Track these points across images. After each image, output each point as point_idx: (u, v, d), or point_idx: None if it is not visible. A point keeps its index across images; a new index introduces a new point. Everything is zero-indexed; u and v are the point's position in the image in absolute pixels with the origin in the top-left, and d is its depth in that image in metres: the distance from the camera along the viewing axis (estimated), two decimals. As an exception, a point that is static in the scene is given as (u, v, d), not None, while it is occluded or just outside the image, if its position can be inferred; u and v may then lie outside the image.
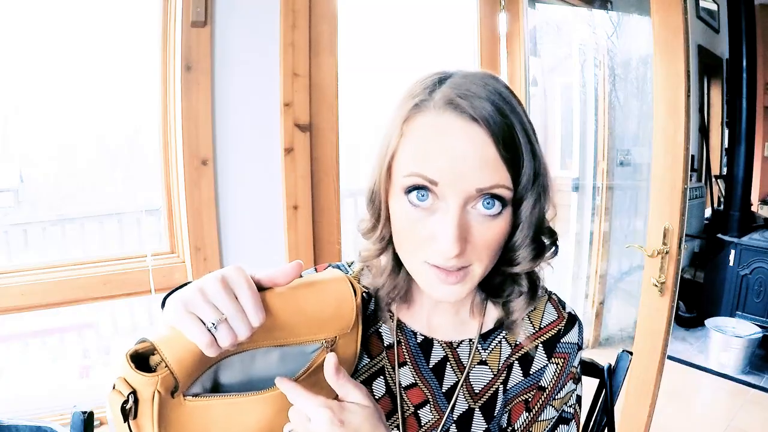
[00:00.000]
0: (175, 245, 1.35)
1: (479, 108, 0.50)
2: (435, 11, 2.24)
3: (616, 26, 2.68)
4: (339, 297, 0.55)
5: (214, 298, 0.45)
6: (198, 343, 0.44)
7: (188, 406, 0.48)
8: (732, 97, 3.10)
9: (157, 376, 0.44)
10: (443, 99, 0.51)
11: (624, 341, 2.95)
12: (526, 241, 0.55)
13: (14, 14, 1.50)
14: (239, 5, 1.25)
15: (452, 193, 0.50)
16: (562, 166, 2.92)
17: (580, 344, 0.66)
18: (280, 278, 0.50)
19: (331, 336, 0.55)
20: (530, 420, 0.64)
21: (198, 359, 0.47)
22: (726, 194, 3.33)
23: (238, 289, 0.46)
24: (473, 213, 0.52)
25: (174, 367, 0.45)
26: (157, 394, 0.44)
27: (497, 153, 0.50)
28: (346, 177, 1.48)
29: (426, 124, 0.52)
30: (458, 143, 0.50)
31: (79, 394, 1.35)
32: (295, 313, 0.52)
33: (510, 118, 0.50)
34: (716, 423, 2.33)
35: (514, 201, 0.53)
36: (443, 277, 0.53)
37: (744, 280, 2.99)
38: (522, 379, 0.64)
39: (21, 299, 1.16)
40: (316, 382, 0.56)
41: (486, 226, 0.52)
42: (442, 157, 0.50)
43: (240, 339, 0.46)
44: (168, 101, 1.28)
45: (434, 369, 0.65)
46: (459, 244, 0.50)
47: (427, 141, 0.51)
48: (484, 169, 0.50)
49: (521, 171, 0.51)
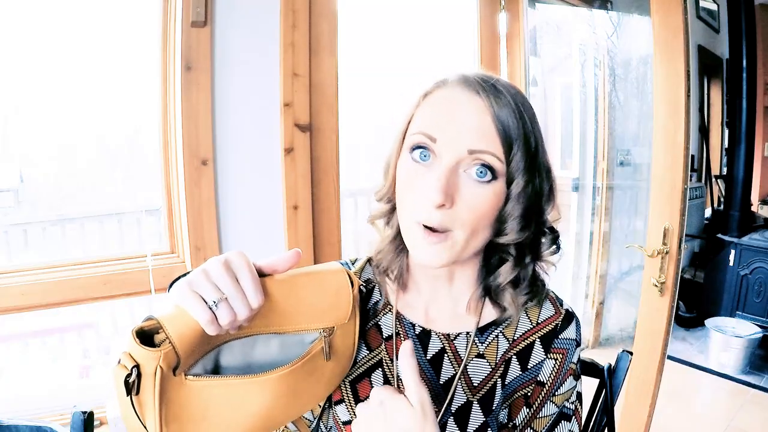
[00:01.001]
0: (175, 245, 1.35)
1: (486, 87, 0.57)
2: (435, 11, 2.24)
3: (616, 26, 2.67)
4: (336, 286, 0.58)
5: (216, 279, 0.48)
6: (199, 320, 0.47)
7: (189, 386, 0.49)
8: (732, 97, 3.10)
9: (159, 350, 0.46)
10: (459, 77, 0.59)
11: (624, 341, 2.95)
12: (514, 214, 0.59)
13: (14, 14, 1.50)
14: (239, 5, 1.25)
15: (447, 151, 0.56)
16: (562, 166, 2.92)
17: (578, 340, 0.67)
18: (279, 265, 0.54)
19: (328, 326, 0.57)
20: (531, 415, 0.64)
21: (200, 337, 0.48)
22: (726, 194, 3.33)
23: (239, 271, 0.49)
24: (465, 176, 0.56)
25: (176, 343, 0.47)
26: (159, 370, 0.46)
27: (493, 124, 0.55)
28: (346, 177, 1.48)
29: (440, 95, 0.59)
30: (461, 110, 0.56)
31: (79, 394, 1.34)
32: (294, 299, 0.55)
33: (512, 103, 0.56)
34: (716, 423, 2.33)
35: (507, 178, 0.57)
36: (425, 235, 0.57)
37: (744, 280, 2.99)
38: (520, 373, 0.65)
39: (21, 299, 1.16)
40: (312, 370, 0.58)
41: (474, 191, 0.56)
42: (444, 119, 0.57)
43: (239, 318, 0.48)
44: (168, 101, 1.28)
45: (432, 361, 0.66)
46: (443, 194, 0.54)
47: (437, 108, 0.58)
48: (478, 135, 0.55)
49: (513, 147, 0.56)
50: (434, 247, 0.57)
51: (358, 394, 0.67)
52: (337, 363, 0.61)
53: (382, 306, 0.70)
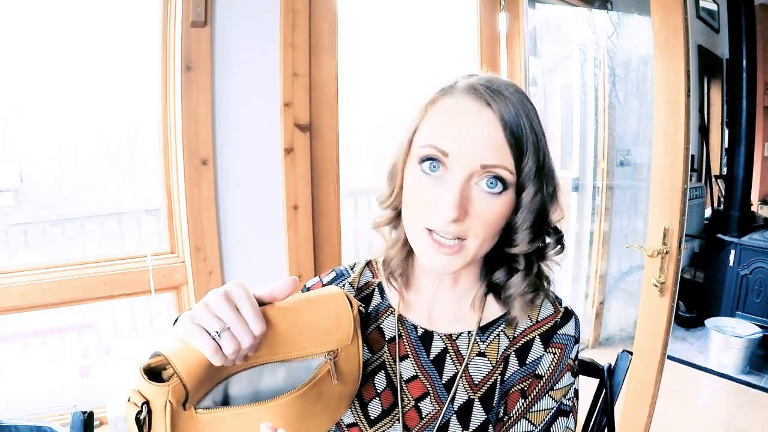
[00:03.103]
0: (175, 245, 1.35)
1: (495, 97, 0.56)
2: (435, 11, 2.24)
3: (616, 26, 2.67)
4: (336, 309, 0.59)
5: (217, 311, 0.49)
6: (204, 350, 0.48)
7: (200, 419, 0.50)
8: (732, 97, 3.10)
9: (168, 386, 0.46)
10: (466, 85, 0.58)
11: (624, 341, 2.95)
12: (525, 224, 0.59)
13: (14, 14, 1.50)
14: (239, 5, 1.25)
15: (459, 166, 0.56)
16: (562, 166, 2.92)
17: (577, 337, 0.68)
18: (278, 293, 0.55)
19: (332, 348, 0.59)
20: (526, 406, 0.65)
21: (206, 369, 0.49)
22: (726, 194, 3.33)
23: (239, 301, 0.50)
24: (476, 189, 0.57)
25: (184, 376, 0.47)
26: (168, 405, 0.46)
27: (504, 137, 0.55)
28: (346, 177, 1.49)
29: (447, 105, 0.58)
30: (472, 123, 0.56)
31: (79, 394, 1.34)
32: (296, 325, 0.56)
33: (521, 112, 0.56)
34: (716, 423, 2.33)
35: (517, 187, 0.57)
36: (437, 247, 0.57)
37: (744, 280, 2.99)
38: (518, 369, 0.66)
39: (21, 299, 1.16)
40: (320, 393, 0.59)
41: (487, 202, 0.57)
42: (455, 132, 0.56)
43: (244, 347, 0.49)
44: (168, 101, 1.28)
45: (434, 361, 0.67)
46: (458, 210, 0.55)
47: (445, 118, 0.58)
48: (490, 149, 0.55)
49: (524, 159, 0.56)
50: (446, 257, 0.58)
51: (363, 396, 0.68)
52: (344, 385, 0.62)
53: (384, 309, 0.71)
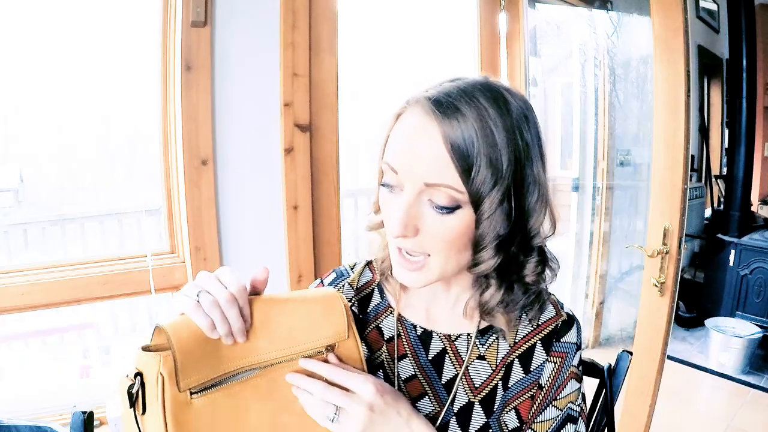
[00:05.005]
0: (175, 245, 1.35)
1: (444, 111, 0.53)
2: (435, 11, 2.24)
3: (616, 26, 2.67)
4: (327, 301, 0.60)
5: (200, 282, 0.53)
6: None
7: (195, 405, 0.51)
8: (732, 97, 3.10)
9: (159, 355, 0.48)
10: (422, 98, 0.55)
11: (624, 341, 2.94)
12: (487, 240, 0.56)
13: (15, 14, 1.50)
14: (239, 5, 1.25)
15: (408, 183, 0.55)
16: (562, 166, 2.92)
17: (579, 344, 0.67)
18: (257, 275, 0.56)
19: (330, 342, 0.59)
20: (531, 416, 0.64)
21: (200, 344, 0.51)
22: (726, 194, 3.33)
23: (219, 274, 0.54)
24: (428, 205, 0.55)
25: (174, 343, 0.49)
26: (160, 377, 0.47)
27: (446, 151, 0.52)
28: (346, 177, 1.48)
29: (405, 120, 0.57)
30: (418, 139, 0.54)
31: (79, 394, 1.34)
32: (291, 315, 0.57)
33: (474, 125, 0.52)
34: (716, 423, 2.33)
35: (472, 203, 0.54)
36: (402, 261, 0.59)
37: (744, 280, 2.99)
38: (523, 377, 0.65)
39: (21, 299, 1.16)
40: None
41: (438, 219, 0.55)
42: (406, 149, 0.55)
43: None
44: (168, 101, 1.28)
45: (433, 361, 0.67)
46: (402, 227, 0.54)
47: (401, 134, 0.57)
48: (433, 166, 0.53)
49: (472, 174, 0.52)
50: (411, 273, 0.59)
51: None
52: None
53: (384, 309, 0.71)
